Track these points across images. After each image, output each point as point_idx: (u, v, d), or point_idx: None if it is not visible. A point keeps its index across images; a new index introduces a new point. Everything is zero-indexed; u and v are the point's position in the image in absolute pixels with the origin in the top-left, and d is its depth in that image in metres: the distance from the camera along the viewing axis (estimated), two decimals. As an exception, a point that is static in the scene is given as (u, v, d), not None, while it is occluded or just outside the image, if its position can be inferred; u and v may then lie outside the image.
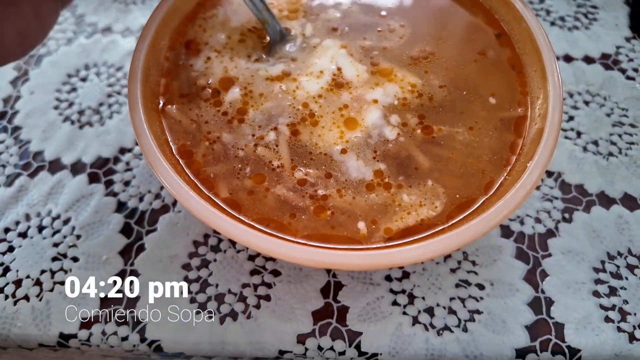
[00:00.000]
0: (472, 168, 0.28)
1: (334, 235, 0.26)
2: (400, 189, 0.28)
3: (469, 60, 0.32)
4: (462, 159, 0.28)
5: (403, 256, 0.24)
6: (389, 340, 0.31)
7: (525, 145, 0.27)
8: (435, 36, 0.33)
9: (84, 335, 0.31)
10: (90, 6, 0.47)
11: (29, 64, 0.43)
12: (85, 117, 0.40)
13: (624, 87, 0.42)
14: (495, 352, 0.31)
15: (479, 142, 0.29)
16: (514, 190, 0.24)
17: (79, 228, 0.35)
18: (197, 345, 0.31)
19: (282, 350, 0.31)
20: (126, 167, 0.38)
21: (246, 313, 0.32)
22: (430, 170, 0.28)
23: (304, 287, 0.33)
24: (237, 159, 0.28)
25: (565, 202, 0.36)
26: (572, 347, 0.31)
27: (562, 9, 0.47)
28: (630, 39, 0.45)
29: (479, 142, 0.29)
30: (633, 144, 0.39)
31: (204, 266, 0.33)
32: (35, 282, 0.33)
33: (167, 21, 0.32)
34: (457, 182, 0.28)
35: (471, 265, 0.33)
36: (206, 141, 0.29)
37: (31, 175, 0.37)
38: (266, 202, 0.27)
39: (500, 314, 0.32)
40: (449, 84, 0.31)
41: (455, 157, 0.28)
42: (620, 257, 0.34)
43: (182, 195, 0.24)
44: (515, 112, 0.29)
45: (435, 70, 0.32)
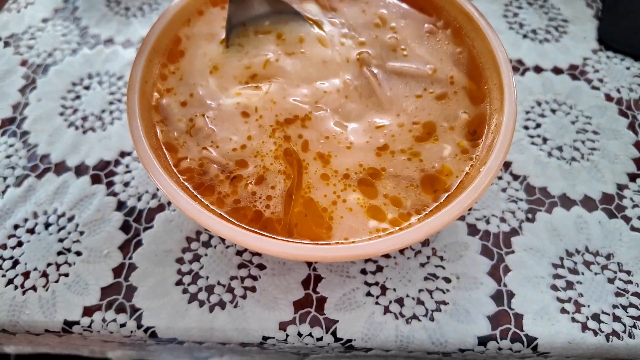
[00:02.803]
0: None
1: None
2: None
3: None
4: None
5: (376, 248, 0.27)
6: (362, 327, 0.34)
7: (482, 153, 0.30)
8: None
9: (86, 322, 0.34)
10: (93, 19, 0.51)
11: (37, 73, 0.47)
12: (88, 123, 0.43)
13: (589, 96, 0.45)
14: (459, 339, 0.34)
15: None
16: (465, 193, 0.27)
17: (82, 225, 0.38)
18: (189, 331, 0.34)
19: (266, 336, 0.34)
20: (126, 169, 0.41)
21: (233, 302, 0.35)
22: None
23: (286, 280, 0.36)
24: (225, 163, 0.32)
25: (529, 204, 0.39)
26: (529, 335, 0.34)
27: (535, 23, 0.50)
28: (597, 51, 0.48)
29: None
30: (595, 150, 0.42)
31: (195, 260, 0.36)
32: (42, 274, 0.36)
33: (165, 34, 0.35)
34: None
35: (439, 260, 0.36)
36: (198, 146, 0.32)
37: (38, 176, 0.41)
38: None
39: (465, 304, 0.35)
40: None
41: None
42: (577, 254, 0.37)
43: (173, 196, 0.28)
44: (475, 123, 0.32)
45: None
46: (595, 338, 0.34)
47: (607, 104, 0.44)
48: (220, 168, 0.31)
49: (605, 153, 0.41)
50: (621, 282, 0.36)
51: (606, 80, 0.46)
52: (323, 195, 0.30)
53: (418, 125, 0.33)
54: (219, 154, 0.32)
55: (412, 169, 0.31)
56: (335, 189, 0.30)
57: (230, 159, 0.31)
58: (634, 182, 0.40)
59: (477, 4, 0.50)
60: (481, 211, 0.38)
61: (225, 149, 0.32)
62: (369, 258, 0.36)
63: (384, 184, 0.30)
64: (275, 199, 0.30)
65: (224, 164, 0.31)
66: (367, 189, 0.30)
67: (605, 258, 0.37)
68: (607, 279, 0.36)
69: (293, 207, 0.29)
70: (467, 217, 0.38)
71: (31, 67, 0.47)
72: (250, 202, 0.30)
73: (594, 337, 0.34)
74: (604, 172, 0.40)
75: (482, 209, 0.38)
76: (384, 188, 0.30)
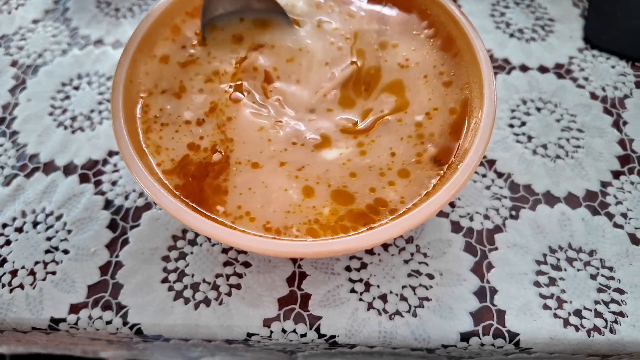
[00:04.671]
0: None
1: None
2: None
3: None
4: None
5: (358, 243, 0.27)
6: (345, 323, 0.34)
7: (460, 149, 0.31)
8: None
9: (72, 319, 0.35)
10: (83, 20, 0.51)
11: (27, 74, 0.47)
12: (77, 123, 0.44)
13: (574, 94, 0.45)
14: (441, 335, 0.34)
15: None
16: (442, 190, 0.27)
17: (70, 224, 0.39)
18: (174, 328, 0.34)
19: (250, 333, 0.34)
20: (114, 168, 0.41)
21: (218, 300, 0.35)
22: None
23: (271, 277, 0.36)
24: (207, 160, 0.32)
25: (513, 201, 0.39)
26: (511, 331, 0.34)
27: (521, 22, 0.50)
28: (583, 50, 0.48)
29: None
30: (579, 148, 0.42)
31: (181, 258, 0.37)
32: (29, 272, 0.37)
33: (151, 35, 0.36)
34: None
35: (423, 257, 0.37)
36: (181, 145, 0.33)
37: (27, 175, 0.41)
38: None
39: (448, 301, 0.35)
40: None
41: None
42: (561, 250, 0.37)
43: (155, 194, 0.28)
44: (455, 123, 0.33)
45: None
46: (576, 334, 0.34)
47: (592, 102, 0.45)
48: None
49: (589, 151, 0.42)
50: (603, 278, 0.36)
51: (591, 78, 0.46)
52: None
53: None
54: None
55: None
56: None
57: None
58: (618, 179, 0.40)
59: (464, 3, 0.51)
60: (465, 208, 0.39)
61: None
62: (353, 255, 0.37)
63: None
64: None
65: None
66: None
67: (588, 254, 0.37)
68: (590, 275, 0.36)
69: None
70: (450, 214, 0.38)
71: (21, 68, 0.48)
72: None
73: (575, 332, 0.34)
74: (588, 170, 0.41)
75: (466, 206, 0.39)
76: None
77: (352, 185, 0.31)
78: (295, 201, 0.30)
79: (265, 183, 0.31)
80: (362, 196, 0.30)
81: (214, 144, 0.32)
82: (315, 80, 0.35)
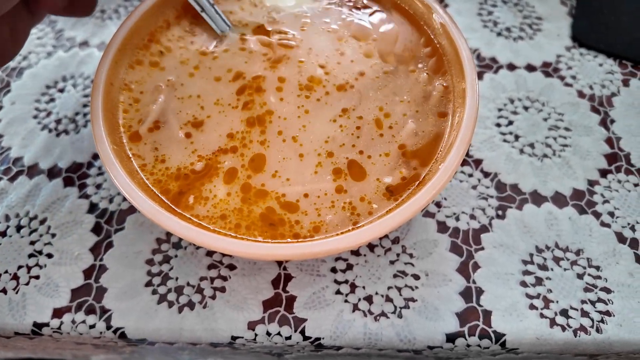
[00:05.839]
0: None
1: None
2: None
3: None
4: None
5: (337, 244, 0.27)
6: (330, 325, 0.34)
7: (443, 150, 0.31)
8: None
9: (55, 323, 0.34)
10: (69, 22, 0.51)
11: (11, 76, 0.47)
12: (62, 126, 0.44)
13: (562, 93, 0.45)
14: (427, 336, 0.34)
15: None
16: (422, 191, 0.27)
17: (54, 227, 0.38)
18: (158, 331, 0.34)
19: (234, 336, 0.34)
20: (98, 171, 0.41)
21: (202, 303, 0.35)
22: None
23: (256, 280, 0.36)
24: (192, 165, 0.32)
25: (500, 201, 0.39)
26: (497, 332, 0.34)
27: (509, 21, 0.50)
28: (571, 48, 0.48)
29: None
30: (566, 146, 0.42)
31: (165, 261, 0.37)
32: (12, 276, 0.36)
33: (131, 38, 0.36)
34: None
35: (409, 258, 0.36)
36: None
37: (11, 179, 0.41)
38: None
39: (433, 301, 0.35)
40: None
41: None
42: (547, 250, 0.37)
43: (134, 199, 0.28)
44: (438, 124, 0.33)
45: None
46: (563, 333, 0.34)
47: (579, 100, 0.45)
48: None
49: (576, 149, 0.42)
50: (590, 278, 0.36)
51: (579, 77, 0.46)
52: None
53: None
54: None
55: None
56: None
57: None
58: (605, 177, 0.40)
59: (451, 2, 0.51)
60: (451, 208, 0.38)
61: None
62: (339, 257, 0.36)
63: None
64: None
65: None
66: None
67: (575, 254, 0.37)
68: (577, 275, 0.36)
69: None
70: (437, 214, 0.38)
71: (5, 71, 0.47)
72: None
73: (562, 332, 0.34)
74: (575, 169, 0.41)
75: (452, 206, 0.39)
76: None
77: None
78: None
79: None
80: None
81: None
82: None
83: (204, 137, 0.32)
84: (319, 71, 0.35)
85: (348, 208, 0.30)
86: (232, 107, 0.34)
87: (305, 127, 0.33)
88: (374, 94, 0.34)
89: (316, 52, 0.36)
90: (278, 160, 0.31)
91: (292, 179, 0.31)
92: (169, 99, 0.34)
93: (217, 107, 0.34)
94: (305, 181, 0.30)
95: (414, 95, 0.34)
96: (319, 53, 0.36)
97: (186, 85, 0.35)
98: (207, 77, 0.35)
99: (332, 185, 0.30)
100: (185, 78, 0.35)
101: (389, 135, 0.32)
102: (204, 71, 0.35)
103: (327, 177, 0.31)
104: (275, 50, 0.36)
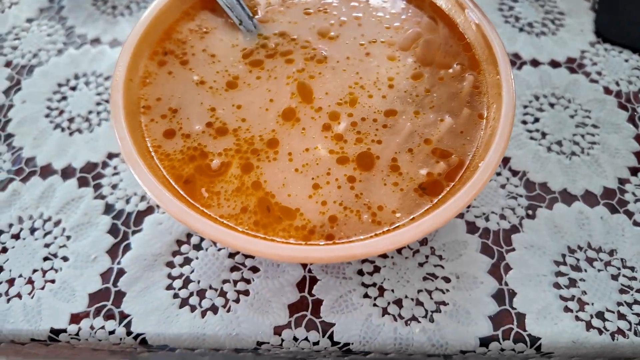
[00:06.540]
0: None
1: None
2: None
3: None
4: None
5: (367, 249, 0.26)
6: (359, 330, 0.33)
7: (480, 146, 0.29)
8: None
9: (73, 329, 0.33)
10: (79, 19, 0.49)
11: (21, 74, 0.46)
12: (75, 125, 0.42)
13: (588, 89, 0.44)
14: (459, 340, 0.33)
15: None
16: (464, 189, 0.26)
17: (69, 229, 0.37)
18: (179, 337, 0.33)
19: (260, 342, 0.33)
20: (114, 171, 0.40)
21: (226, 307, 0.34)
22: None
23: (280, 282, 0.34)
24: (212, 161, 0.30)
25: (529, 200, 0.38)
26: (532, 335, 0.33)
27: (531, 16, 0.49)
28: (595, 44, 0.47)
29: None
30: (595, 144, 0.41)
31: (186, 264, 0.35)
32: (27, 280, 0.35)
33: (150, 33, 0.34)
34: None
35: (438, 260, 0.35)
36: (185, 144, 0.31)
37: (23, 180, 0.39)
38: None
39: (465, 305, 0.34)
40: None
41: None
42: (580, 250, 0.36)
43: (159, 198, 0.26)
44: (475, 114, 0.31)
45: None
46: (599, 337, 0.33)
47: (606, 97, 0.43)
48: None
49: (605, 147, 0.41)
50: (625, 279, 0.35)
51: (604, 73, 0.45)
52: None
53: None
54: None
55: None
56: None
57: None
58: (636, 176, 0.39)
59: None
60: (480, 208, 0.37)
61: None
62: (365, 259, 0.35)
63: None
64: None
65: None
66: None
67: (608, 254, 0.36)
68: (611, 276, 0.35)
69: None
70: (465, 214, 0.37)
71: (15, 68, 0.46)
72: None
73: (598, 335, 0.33)
74: (604, 167, 0.39)
75: (481, 206, 0.37)
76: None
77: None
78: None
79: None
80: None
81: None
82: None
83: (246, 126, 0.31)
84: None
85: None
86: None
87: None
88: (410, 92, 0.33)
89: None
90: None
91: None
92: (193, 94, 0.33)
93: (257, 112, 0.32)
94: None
95: (447, 89, 0.32)
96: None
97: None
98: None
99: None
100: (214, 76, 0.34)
101: (421, 132, 0.31)
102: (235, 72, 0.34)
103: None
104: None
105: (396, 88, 0.33)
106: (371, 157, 0.30)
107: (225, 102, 0.32)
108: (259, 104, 0.32)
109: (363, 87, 0.33)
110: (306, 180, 0.29)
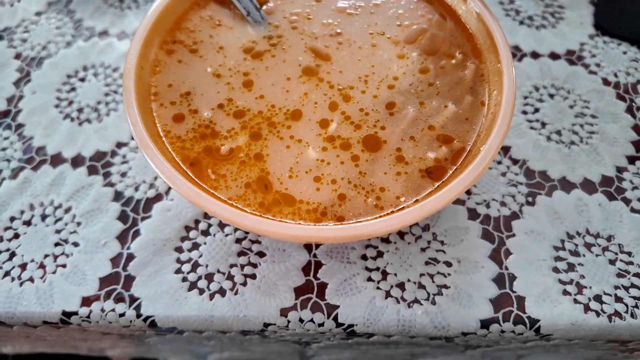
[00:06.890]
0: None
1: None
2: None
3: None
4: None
5: (370, 229, 0.26)
6: (363, 312, 0.34)
7: (482, 131, 0.30)
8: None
9: (84, 312, 0.34)
10: (87, 11, 0.50)
11: (31, 66, 0.46)
12: (84, 115, 0.43)
13: (587, 80, 0.45)
14: (461, 322, 0.33)
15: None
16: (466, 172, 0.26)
17: (79, 216, 0.38)
18: (188, 319, 0.34)
19: (267, 323, 0.34)
20: (123, 159, 0.41)
21: (234, 290, 0.34)
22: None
23: (286, 266, 0.35)
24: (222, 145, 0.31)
25: (529, 187, 0.39)
26: (532, 317, 0.34)
27: (531, 9, 0.50)
28: (594, 37, 0.48)
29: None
30: (593, 133, 0.42)
31: (194, 249, 0.36)
32: (39, 265, 0.36)
33: (159, 23, 0.35)
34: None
35: (440, 245, 0.36)
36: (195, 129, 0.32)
37: (34, 168, 0.40)
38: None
39: (467, 288, 0.34)
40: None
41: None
42: (578, 236, 0.37)
43: (171, 179, 0.27)
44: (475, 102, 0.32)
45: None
46: (597, 319, 0.33)
47: (604, 88, 0.44)
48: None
49: (604, 136, 0.41)
50: (622, 264, 0.36)
51: (603, 64, 0.46)
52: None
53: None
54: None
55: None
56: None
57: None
58: (633, 164, 0.40)
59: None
60: (481, 195, 0.38)
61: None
62: (369, 244, 0.36)
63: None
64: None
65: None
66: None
67: (606, 240, 0.37)
68: (609, 261, 0.36)
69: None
70: (467, 201, 0.38)
71: (25, 60, 0.47)
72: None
73: (596, 318, 0.33)
74: (603, 155, 0.40)
75: (482, 193, 0.38)
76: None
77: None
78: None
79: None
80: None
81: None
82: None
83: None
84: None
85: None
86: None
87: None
88: (414, 82, 0.33)
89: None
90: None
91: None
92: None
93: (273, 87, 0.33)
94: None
95: (450, 78, 0.33)
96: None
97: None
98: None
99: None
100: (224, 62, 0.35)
101: (426, 118, 0.32)
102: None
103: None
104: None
105: (400, 80, 0.34)
106: (378, 140, 0.31)
107: (237, 81, 0.33)
108: (274, 80, 0.33)
109: (368, 76, 0.34)
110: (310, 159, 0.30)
